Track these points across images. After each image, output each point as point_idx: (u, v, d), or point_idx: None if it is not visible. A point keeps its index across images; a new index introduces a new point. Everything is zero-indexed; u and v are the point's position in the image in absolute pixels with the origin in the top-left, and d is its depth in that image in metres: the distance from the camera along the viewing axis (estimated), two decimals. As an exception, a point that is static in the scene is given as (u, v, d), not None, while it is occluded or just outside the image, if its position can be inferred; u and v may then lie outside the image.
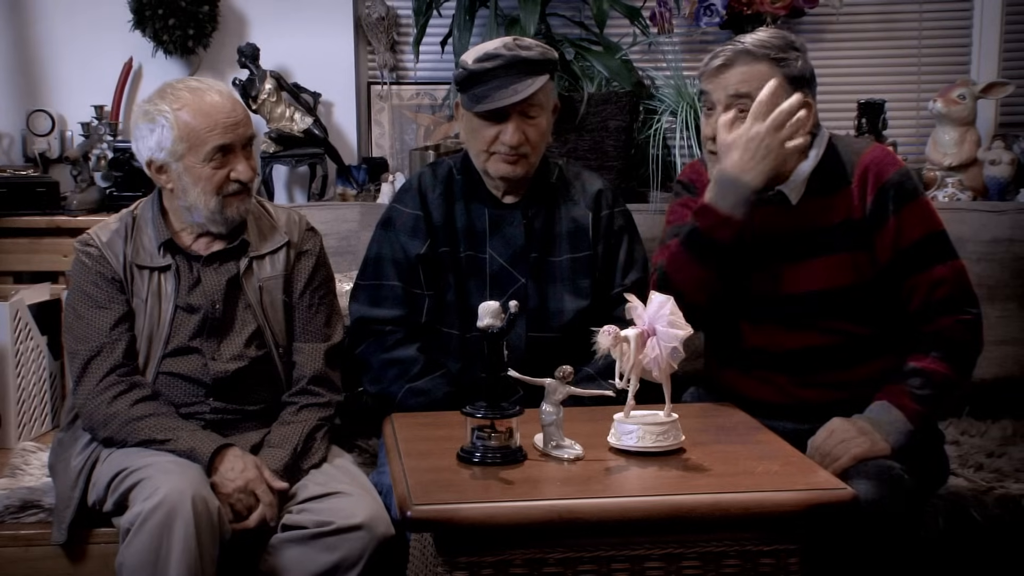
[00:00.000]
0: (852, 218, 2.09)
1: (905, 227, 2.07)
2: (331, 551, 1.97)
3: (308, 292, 2.25)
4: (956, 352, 2.07)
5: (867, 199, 2.08)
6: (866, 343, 2.10)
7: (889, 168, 2.10)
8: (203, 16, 3.16)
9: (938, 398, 2.05)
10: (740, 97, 2.05)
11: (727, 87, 2.06)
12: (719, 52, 2.08)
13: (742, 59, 2.05)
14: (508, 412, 1.78)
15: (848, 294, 2.09)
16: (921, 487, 2.05)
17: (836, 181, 2.11)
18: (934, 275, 2.06)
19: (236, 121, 2.13)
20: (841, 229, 2.09)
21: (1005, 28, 3.26)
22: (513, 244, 2.30)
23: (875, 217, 2.08)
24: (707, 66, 2.08)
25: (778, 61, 2.05)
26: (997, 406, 2.70)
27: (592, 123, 2.89)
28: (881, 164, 2.10)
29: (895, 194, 2.07)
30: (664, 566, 1.67)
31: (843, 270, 2.09)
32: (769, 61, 2.05)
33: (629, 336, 1.76)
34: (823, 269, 2.09)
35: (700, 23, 3.13)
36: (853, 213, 2.09)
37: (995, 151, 3.06)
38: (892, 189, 2.08)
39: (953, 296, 2.07)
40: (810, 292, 2.10)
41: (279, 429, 2.15)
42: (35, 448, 2.55)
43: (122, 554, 1.94)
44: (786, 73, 2.05)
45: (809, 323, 2.10)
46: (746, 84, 2.04)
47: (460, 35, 2.91)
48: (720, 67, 2.06)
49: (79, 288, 2.17)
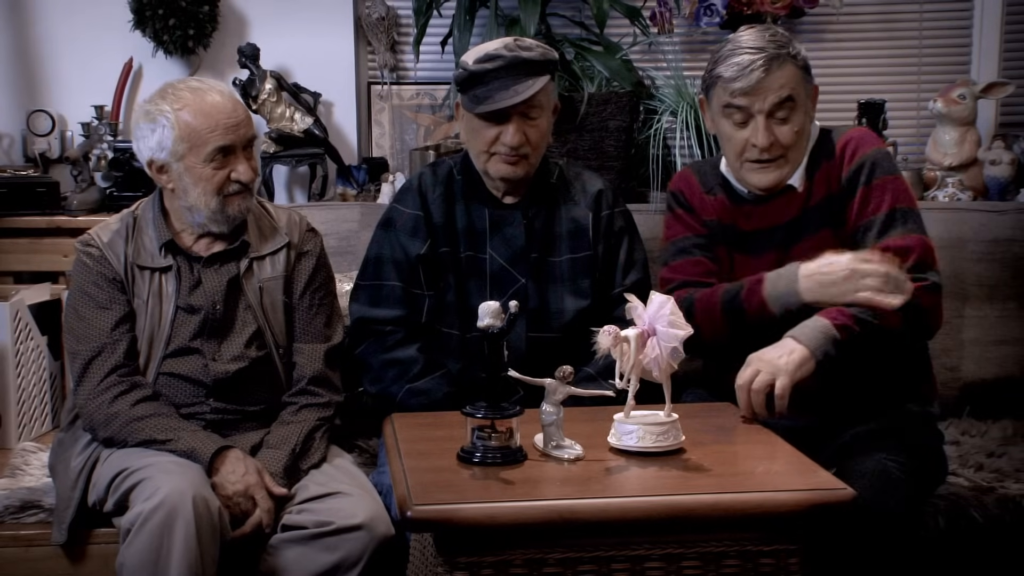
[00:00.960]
0: (831, 192, 2.11)
1: (873, 198, 2.08)
2: (331, 551, 1.97)
3: (308, 293, 2.25)
4: (913, 311, 2.00)
5: (843, 172, 2.11)
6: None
7: (868, 145, 2.12)
8: (203, 16, 3.16)
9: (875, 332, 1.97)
10: (783, 103, 2.08)
11: (768, 96, 2.07)
12: (749, 64, 2.06)
13: (774, 64, 2.08)
14: (508, 412, 1.78)
15: None
16: (920, 487, 2.05)
17: (819, 158, 2.14)
18: (901, 242, 2.04)
19: (237, 122, 2.13)
20: (824, 205, 2.11)
21: (1005, 28, 3.26)
22: (513, 244, 2.31)
23: (848, 190, 2.10)
24: (742, 81, 2.07)
25: (794, 57, 2.10)
26: (997, 406, 2.70)
27: (592, 123, 2.89)
28: (861, 140, 2.13)
29: (869, 168, 2.09)
30: (664, 566, 1.67)
31: (827, 246, 2.07)
32: (790, 59, 2.09)
33: (629, 336, 1.76)
34: (812, 249, 2.08)
35: (700, 23, 3.13)
36: (832, 187, 2.11)
37: (995, 151, 3.06)
38: (868, 163, 2.10)
39: (919, 263, 2.04)
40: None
41: (278, 430, 2.15)
42: (35, 448, 2.55)
43: (122, 554, 1.94)
44: (801, 65, 2.10)
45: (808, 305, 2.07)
46: (786, 88, 2.08)
47: (460, 35, 2.91)
48: (759, 80, 2.07)
49: (80, 288, 2.17)
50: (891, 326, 1.99)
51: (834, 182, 2.12)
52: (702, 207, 2.24)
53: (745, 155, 2.13)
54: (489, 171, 2.28)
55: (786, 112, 2.09)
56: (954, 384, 2.71)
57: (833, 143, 2.15)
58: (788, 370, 1.93)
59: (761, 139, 2.08)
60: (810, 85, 2.14)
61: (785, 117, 2.09)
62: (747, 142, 2.11)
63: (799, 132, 2.11)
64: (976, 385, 2.73)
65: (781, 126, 2.09)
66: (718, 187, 2.24)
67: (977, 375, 2.73)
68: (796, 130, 2.10)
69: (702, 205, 2.24)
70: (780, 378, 1.92)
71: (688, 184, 2.27)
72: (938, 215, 2.80)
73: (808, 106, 2.14)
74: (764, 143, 2.08)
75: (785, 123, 2.09)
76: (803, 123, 2.12)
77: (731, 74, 2.08)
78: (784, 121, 2.09)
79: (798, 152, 2.13)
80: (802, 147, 2.14)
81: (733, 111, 2.11)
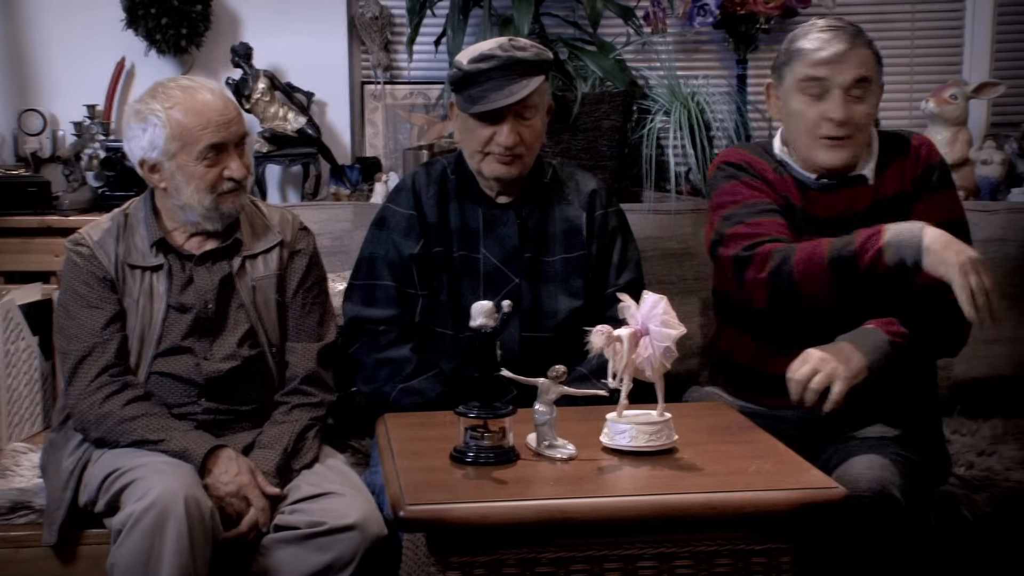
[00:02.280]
0: (904, 191, 2.13)
1: (937, 207, 2.10)
2: (324, 551, 1.97)
3: (301, 292, 2.24)
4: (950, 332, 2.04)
5: (917, 172, 2.14)
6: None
7: (935, 153, 2.18)
8: (196, 15, 3.15)
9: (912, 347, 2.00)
10: (861, 81, 2.09)
11: (849, 70, 2.08)
12: (833, 37, 2.08)
13: (857, 42, 2.10)
14: (501, 412, 1.78)
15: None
16: (923, 485, 2.06)
17: (892, 155, 2.16)
18: None
19: (228, 119, 2.12)
20: (897, 200, 2.13)
21: (997, 28, 3.27)
22: (507, 244, 2.31)
23: (917, 190, 2.12)
24: (824, 51, 2.08)
25: (870, 44, 2.12)
26: (988, 405, 2.71)
27: (586, 123, 2.89)
28: (931, 145, 2.19)
29: (939, 175, 2.14)
30: (657, 565, 1.67)
31: None
32: (867, 44, 2.11)
33: (622, 336, 1.76)
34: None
35: (694, 23, 3.13)
36: (905, 185, 2.14)
37: (987, 151, 3.07)
38: (938, 170, 2.14)
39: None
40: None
41: (270, 429, 2.15)
42: (26, 449, 2.54)
43: (114, 555, 1.94)
44: (876, 54, 2.12)
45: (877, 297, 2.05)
46: (864, 67, 2.09)
47: (454, 35, 2.91)
48: (843, 52, 2.07)
49: (70, 288, 2.16)
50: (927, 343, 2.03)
51: (908, 180, 2.14)
52: (776, 181, 2.18)
53: (819, 131, 2.11)
54: (483, 171, 2.28)
55: (861, 91, 2.09)
56: (945, 383, 2.71)
57: (908, 141, 2.17)
58: (846, 376, 1.93)
59: (839, 112, 2.08)
60: (881, 78, 2.15)
61: (860, 96, 2.09)
62: (821, 117, 2.10)
63: (869, 115, 2.12)
64: (967, 384, 2.73)
65: (857, 104, 2.09)
66: (781, 168, 2.21)
67: (968, 374, 2.74)
68: (869, 112, 2.11)
69: (776, 179, 2.19)
70: (838, 383, 1.93)
71: (750, 160, 2.22)
72: (930, 215, 2.82)
73: (880, 95, 2.15)
74: (841, 116, 2.07)
75: (861, 102, 2.09)
76: (874, 108, 2.13)
77: (815, 46, 2.10)
78: (860, 100, 2.09)
79: (865, 137, 2.14)
80: (868, 135, 2.15)
81: (811, 84, 2.10)
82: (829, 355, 1.94)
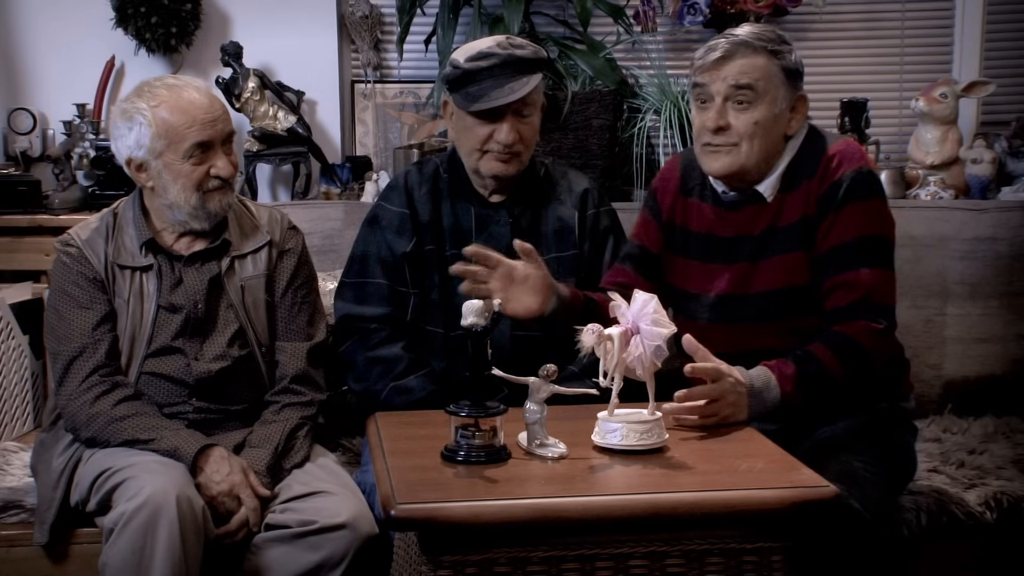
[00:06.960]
0: (808, 214, 2.08)
1: (839, 225, 2.04)
2: (315, 550, 1.97)
3: (290, 291, 2.24)
4: (858, 358, 2.01)
5: (822, 190, 2.07)
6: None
7: (847, 165, 2.07)
8: (186, 14, 3.14)
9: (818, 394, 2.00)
10: (741, 88, 2.06)
11: (727, 78, 2.06)
12: (716, 44, 2.08)
13: (742, 51, 2.06)
14: (492, 411, 1.78)
15: (804, 293, 2.07)
16: (889, 486, 2.05)
17: (801, 176, 2.10)
18: (858, 278, 2.02)
19: (215, 117, 2.12)
20: (799, 226, 2.08)
21: (986, 28, 3.28)
22: (499, 243, 2.30)
23: (821, 210, 2.07)
24: (704, 59, 2.08)
25: (775, 53, 2.07)
26: (978, 403, 2.71)
27: (576, 122, 2.90)
28: (841, 159, 2.08)
29: (844, 191, 2.05)
30: (648, 564, 1.67)
31: (797, 269, 2.07)
32: (767, 53, 2.07)
33: (613, 334, 1.76)
34: (781, 268, 2.08)
35: (684, 22, 3.13)
36: (809, 209, 2.08)
37: (977, 150, 3.08)
38: (843, 185, 2.06)
39: (870, 303, 2.02)
40: (768, 292, 2.10)
41: (260, 429, 2.15)
42: (17, 448, 2.54)
43: (105, 554, 1.93)
44: (782, 65, 2.07)
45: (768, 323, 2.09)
46: (746, 75, 2.06)
47: (444, 33, 2.91)
48: (720, 59, 2.06)
49: (60, 288, 2.16)
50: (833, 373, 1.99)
51: (812, 201, 2.08)
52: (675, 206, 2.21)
53: (702, 138, 2.11)
54: (481, 169, 2.28)
55: (745, 99, 2.06)
56: (936, 382, 2.73)
57: (821, 155, 2.10)
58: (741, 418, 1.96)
59: (713, 120, 2.07)
60: (790, 90, 2.09)
61: (743, 105, 2.06)
62: (703, 124, 2.10)
63: (757, 124, 2.06)
64: (958, 383, 2.74)
65: (741, 113, 2.07)
66: (698, 187, 2.21)
67: (959, 373, 2.75)
68: (754, 121, 2.06)
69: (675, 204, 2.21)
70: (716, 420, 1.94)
71: (666, 179, 2.25)
72: (920, 213, 2.82)
73: (780, 107, 2.08)
74: (714, 125, 2.07)
75: (743, 112, 2.06)
76: (764, 118, 2.07)
77: (699, 54, 2.10)
78: (742, 109, 2.06)
79: (759, 148, 2.08)
80: (762, 144, 2.08)
81: (696, 90, 2.11)
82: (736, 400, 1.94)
